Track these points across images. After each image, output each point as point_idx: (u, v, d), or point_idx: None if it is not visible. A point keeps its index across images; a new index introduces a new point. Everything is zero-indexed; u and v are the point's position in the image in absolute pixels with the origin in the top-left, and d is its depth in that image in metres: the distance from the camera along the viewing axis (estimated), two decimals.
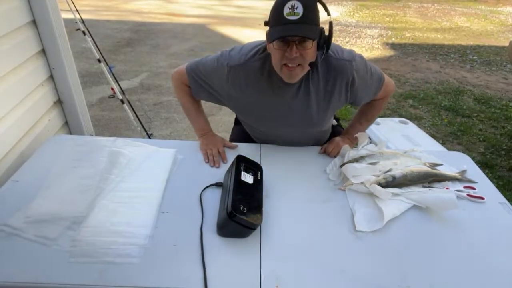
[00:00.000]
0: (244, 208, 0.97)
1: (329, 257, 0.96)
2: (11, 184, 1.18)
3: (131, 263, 0.91)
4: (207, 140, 1.43)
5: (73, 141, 1.41)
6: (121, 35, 5.85)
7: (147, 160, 1.29)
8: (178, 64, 1.45)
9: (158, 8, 7.84)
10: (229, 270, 0.91)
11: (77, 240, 0.96)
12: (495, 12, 8.62)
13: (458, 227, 1.08)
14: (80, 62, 4.34)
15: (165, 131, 3.23)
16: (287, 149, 1.42)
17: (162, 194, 1.14)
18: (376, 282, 0.90)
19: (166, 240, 0.98)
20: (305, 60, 1.09)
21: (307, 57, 1.09)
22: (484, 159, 2.94)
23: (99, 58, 2.52)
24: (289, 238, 1.02)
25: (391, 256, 0.98)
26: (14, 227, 0.99)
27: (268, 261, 0.94)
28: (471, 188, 1.23)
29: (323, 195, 1.18)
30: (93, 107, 3.53)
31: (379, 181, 1.17)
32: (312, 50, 1.09)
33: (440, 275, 0.92)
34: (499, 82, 4.62)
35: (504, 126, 3.48)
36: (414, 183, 1.21)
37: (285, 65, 1.10)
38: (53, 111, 1.78)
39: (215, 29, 6.44)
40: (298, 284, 0.89)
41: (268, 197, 1.15)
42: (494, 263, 0.97)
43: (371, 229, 1.04)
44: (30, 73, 1.59)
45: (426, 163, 1.29)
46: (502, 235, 1.06)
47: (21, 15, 1.53)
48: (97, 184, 1.16)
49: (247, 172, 1.12)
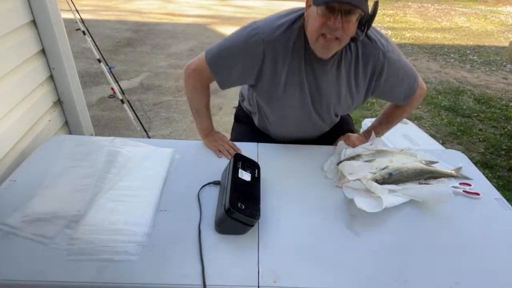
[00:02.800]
0: (242, 205, 0.97)
1: (327, 253, 0.97)
2: (9, 184, 1.18)
3: (129, 261, 0.92)
4: (213, 138, 1.42)
5: (71, 140, 1.41)
6: (121, 35, 5.86)
7: (145, 159, 1.29)
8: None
9: (158, 8, 7.85)
10: (227, 267, 0.92)
11: (75, 239, 0.96)
12: (495, 12, 8.62)
13: (454, 223, 1.09)
14: (80, 62, 4.35)
15: (165, 131, 3.24)
16: (284, 147, 1.43)
17: (160, 192, 1.15)
18: (373, 277, 0.91)
19: (164, 237, 0.99)
20: (345, 34, 1.02)
21: (348, 31, 1.02)
22: (484, 159, 2.95)
23: (99, 58, 2.53)
24: (286, 234, 1.02)
25: (388, 252, 0.98)
26: (12, 226, 1.00)
27: (266, 257, 0.94)
28: (467, 185, 1.24)
29: (321, 192, 1.19)
30: (93, 107, 3.53)
31: (376, 178, 1.18)
32: (354, 26, 1.03)
33: (436, 270, 0.93)
34: (499, 82, 4.62)
35: (504, 126, 3.48)
36: (410, 180, 1.21)
37: (323, 35, 1.03)
38: (53, 111, 1.78)
39: (215, 29, 6.45)
40: (296, 280, 0.89)
41: (266, 194, 1.15)
42: (490, 259, 0.98)
43: (370, 210, 1.03)
44: (30, 73, 1.60)
45: (422, 161, 1.30)
46: (498, 230, 1.07)
47: (21, 15, 1.54)
48: (95, 183, 1.16)
49: (245, 170, 1.13)
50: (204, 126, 1.44)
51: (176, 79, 4.30)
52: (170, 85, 4.16)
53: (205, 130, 1.45)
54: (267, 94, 1.26)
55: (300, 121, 1.35)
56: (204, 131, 1.45)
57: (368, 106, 3.81)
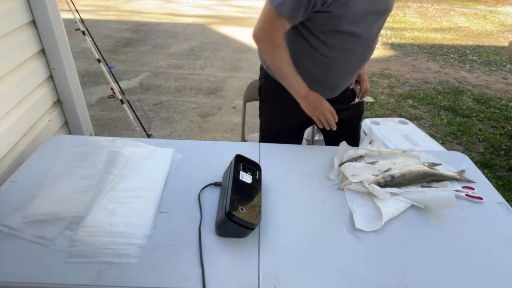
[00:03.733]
0: (243, 208, 0.97)
1: (328, 257, 0.96)
2: (9, 184, 1.17)
3: (130, 263, 0.91)
4: (312, 102, 1.35)
5: (71, 141, 1.41)
6: (121, 35, 5.85)
7: (146, 160, 1.29)
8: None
9: (158, 8, 7.84)
10: (227, 270, 0.91)
11: (76, 240, 0.96)
12: (494, 12, 8.62)
13: (457, 227, 1.08)
14: (80, 62, 4.34)
15: (165, 131, 3.23)
16: (286, 148, 1.42)
17: (160, 194, 1.14)
18: (375, 282, 0.90)
19: (164, 240, 0.98)
20: None
21: None
22: (484, 159, 2.95)
23: (99, 58, 2.52)
24: (287, 237, 1.02)
25: (390, 256, 0.98)
26: (12, 227, 0.99)
27: (267, 261, 0.94)
28: (470, 188, 1.23)
29: (322, 194, 1.18)
30: (92, 107, 3.53)
31: (378, 181, 1.17)
32: None
33: (438, 275, 0.92)
34: (499, 82, 4.62)
35: (503, 126, 3.49)
36: (412, 183, 1.21)
37: None
38: (53, 111, 1.78)
39: (215, 29, 6.45)
40: (297, 284, 0.89)
41: (267, 196, 1.15)
42: (492, 263, 0.97)
43: (369, 229, 1.04)
44: (29, 73, 1.59)
45: (425, 163, 1.30)
46: (500, 235, 1.06)
47: (21, 15, 1.53)
48: (96, 184, 1.16)
49: (246, 171, 1.12)
50: (300, 86, 1.33)
51: (176, 79, 4.30)
52: (170, 85, 4.15)
53: (302, 90, 1.34)
54: (343, 13, 1.22)
55: (364, 43, 1.34)
56: (301, 92, 1.34)
57: (368, 106, 3.81)
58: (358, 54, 1.37)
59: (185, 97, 3.89)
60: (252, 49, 5.39)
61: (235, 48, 5.55)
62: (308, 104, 1.35)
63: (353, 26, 1.26)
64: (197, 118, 3.48)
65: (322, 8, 1.20)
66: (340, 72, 1.41)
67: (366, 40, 1.35)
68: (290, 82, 1.35)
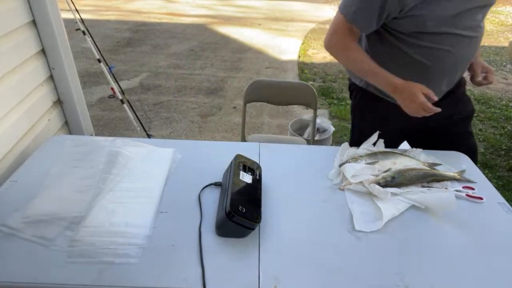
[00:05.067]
0: (243, 208, 0.97)
1: (328, 257, 0.96)
2: (9, 184, 1.18)
3: (130, 263, 0.91)
4: (406, 95, 1.20)
5: (72, 141, 1.41)
6: (121, 35, 5.85)
7: (146, 160, 1.29)
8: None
9: (158, 8, 7.84)
10: (227, 270, 0.91)
11: (76, 240, 0.96)
12: (495, 12, 8.61)
13: (457, 227, 1.08)
14: (80, 62, 4.34)
15: (165, 131, 3.23)
16: (286, 148, 1.42)
17: (160, 194, 1.14)
18: (375, 282, 0.90)
19: (164, 240, 0.98)
20: None
21: None
22: (484, 159, 2.94)
23: (99, 58, 2.52)
24: (288, 238, 1.02)
25: (390, 256, 0.98)
26: (12, 227, 0.99)
27: (267, 261, 0.94)
28: (470, 188, 1.23)
29: (322, 194, 1.18)
30: (93, 107, 3.53)
31: (378, 181, 1.17)
32: None
33: (438, 275, 0.92)
34: (499, 82, 4.61)
35: (504, 126, 3.48)
36: (413, 183, 1.21)
37: None
38: (53, 111, 1.78)
39: (215, 29, 6.44)
40: (297, 284, 0.89)
41: (267, 196, 1.15)
42: (492, 263, 0.97)
43: (370, 229, 1.04)
44: (29, 73, 1.59)
45: (425, 163, 1.29)
46: (500, 235, 1.06)
47: (21, 15, 1.53)
48: (96, 184, 1.16)
49: (246, 171, 1.12)
50: (389, 79, 1.23)
51: (176, 79, 4.30)
52: (170, 85, 4.15)
53: (391, 83, 1.23)
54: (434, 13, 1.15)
55: (466, 41, 1.24)
56: (392, 84, 1.23)
57: None
58: (457, 54, 1.25)
59: (185, 97, 3.89)
60: (252, 49, 5.39)
61: (235, 48, 5.55)
62: (402, 99, 1.23)
63: (443, 26, 1.17)
64: (197, 118, 3.48)
65: (400, 15, 1.16)
66: (448, 70, 1.31)
67: (463, 39, 1.23)
68: (379, 79, 1.26)
